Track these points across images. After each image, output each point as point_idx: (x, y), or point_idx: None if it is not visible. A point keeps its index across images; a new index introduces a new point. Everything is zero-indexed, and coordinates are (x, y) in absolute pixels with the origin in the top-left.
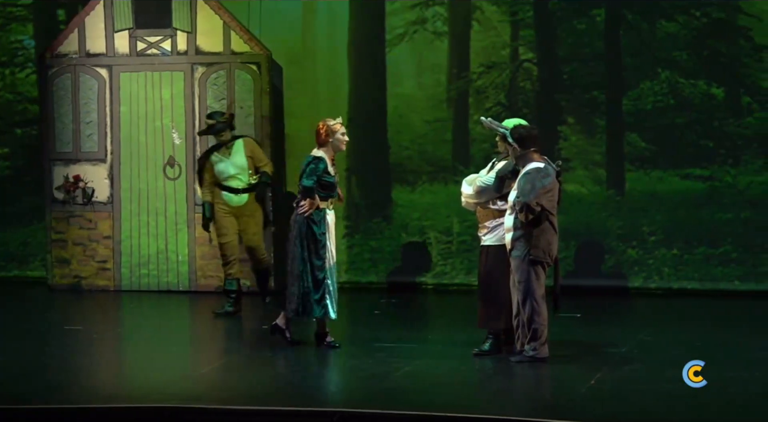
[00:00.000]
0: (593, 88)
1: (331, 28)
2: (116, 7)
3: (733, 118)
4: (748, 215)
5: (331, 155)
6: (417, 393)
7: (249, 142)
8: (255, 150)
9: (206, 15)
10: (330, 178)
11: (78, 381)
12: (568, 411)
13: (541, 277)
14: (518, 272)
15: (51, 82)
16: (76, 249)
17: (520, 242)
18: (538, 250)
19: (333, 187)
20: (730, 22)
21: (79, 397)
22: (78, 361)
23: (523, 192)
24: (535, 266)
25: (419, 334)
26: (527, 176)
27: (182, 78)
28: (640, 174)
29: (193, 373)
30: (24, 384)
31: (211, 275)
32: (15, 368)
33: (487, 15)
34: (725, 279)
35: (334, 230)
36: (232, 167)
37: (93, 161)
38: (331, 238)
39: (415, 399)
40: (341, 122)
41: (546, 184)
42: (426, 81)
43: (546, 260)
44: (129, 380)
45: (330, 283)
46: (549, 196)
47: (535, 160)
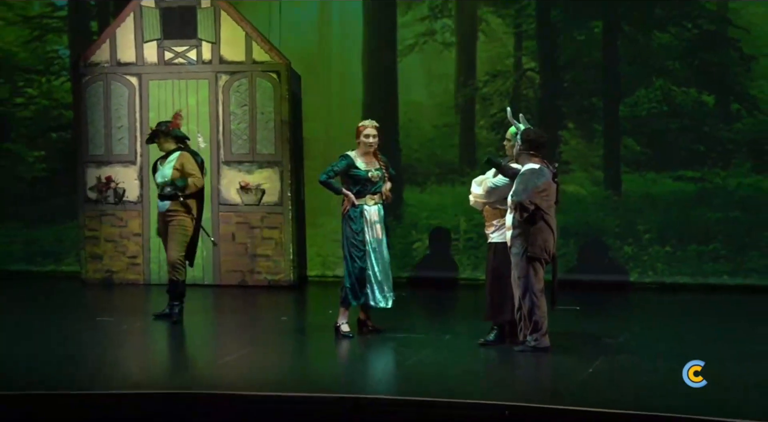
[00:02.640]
0: (592, 95)
1: (345, 39)
2: (145, 18)
3: (723, 123)
4: (737, 214)
5: (363, 153)
6: (426, 380)
7: (183, 155)
8: (186, 164)
9: (229, 26)
10: (359, 172)
11: (109, 369)
12: (568, 397)
13: (540, 272)
14: (518, 268)
15: (84, 89)
16: (108, 246)
17: (519, 240)
18: (536, 247)
19: (364, 181)
20: (720, 33)
21: (109, 383)
22: (109, 350)
23: (516, 192)
24: (533, 263)
25: (428, 325)
26: (522, 177)
27: (207, 86)
28: (636, 176)
29: (218, 361)
30: (59, 371)
31: (233, 270)
32: (51, 356)
33: (492, 27)
34: (715, 274)
35: (379, 223)
36: (160, 176)
37: (124, 163)
38: (377, 232)
39: (425, 386)
40: (370, 124)
41: (539, 184)
42: (435, 88)
43: (543, 256)
44: (156, 367)
45: (371, 274)
46: (543, 195)
47: (533, 162)
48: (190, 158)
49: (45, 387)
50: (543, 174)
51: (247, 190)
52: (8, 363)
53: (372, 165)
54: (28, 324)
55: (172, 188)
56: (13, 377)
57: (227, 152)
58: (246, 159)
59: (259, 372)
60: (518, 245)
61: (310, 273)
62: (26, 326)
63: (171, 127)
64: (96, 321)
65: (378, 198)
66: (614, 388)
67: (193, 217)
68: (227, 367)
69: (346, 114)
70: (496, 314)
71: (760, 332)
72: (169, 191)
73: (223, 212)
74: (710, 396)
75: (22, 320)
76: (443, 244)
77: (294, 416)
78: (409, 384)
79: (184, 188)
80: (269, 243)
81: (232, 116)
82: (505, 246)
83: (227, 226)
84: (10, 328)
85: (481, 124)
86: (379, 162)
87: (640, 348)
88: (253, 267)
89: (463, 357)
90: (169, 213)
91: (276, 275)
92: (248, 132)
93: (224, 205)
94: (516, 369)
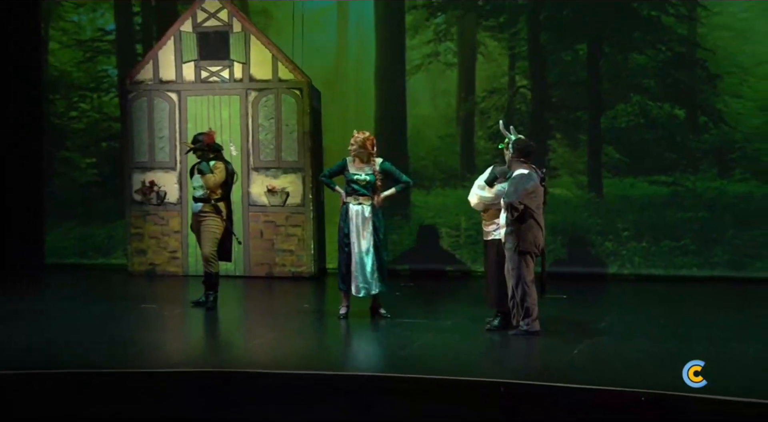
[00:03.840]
0: (577, 109)
1: (360, 60)
2: (184, 42)
3: (692, 134)
4: (704, 214)
5: (355, 159)
6: (430, 360)
7: (217, 163)
8: (217, 167)
9: (258, 49)
10: (348, 175)
11: (151, 350)
12: (556, 375)
13: (530, 265)
14: (511, 261)
15: (130, 104)
16: (151, 242)
17: (512, 237)
18: (527, 243)
19: (351, 183)
20: (689, 55)
21: (151, 362)
22: (152, 334)
23: (507, 194)
24: (524, 256)
25: (432, 312)
26: (512, 180)
27: (238, 101)
28: (616, 181)
29: (248, 343)
30: (107, 352)
31: (261, 263)
32: (100, 339)
33: (489, 49)
34: (685, 267)
35: (361, 222)
36: (196, 180)
37: (165, 169)
38: (360, 228)
39: (429, 366)
40: (358, 132)
41: (528, 187)
42: (439, 103)
43: (533, 250)
44: (193, 349)
45: (359, 266)
46: (532, 196)
47: (522, 167)
48: (222, 165)
49: (93, 366)
50: (531, 178)
51: (273, 193)
52: (63, 345)
53: (363, 170)
54: (81, 311)
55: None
56: (68, 357)
57: (256, 159)
58: (272, 165)
59: (285, 353)
60: (511, 241)
61: (328, 266)
62: (79, 312)
63: (206, 141)
64: (140, 308)
65: (364, 200)
66: (597, 367)
67: (223, 218)
68: (256, 349)
69: (361, 126)
70: (500, 302)
71: (724, 317)
72: (201, 194)
73: (252, 212)
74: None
75: (75, 307)
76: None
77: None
78: (415, 364)
79: (205, 171)
80: (293, 239)
81: (260, 127)
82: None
83: (256, 224)
84: (66, 314)
85: (480, 134)
86: (374, 168)
87: (619, 332)
88: (278, 261)
89: (463, 340)
90: (202, 214)
91: (299, 268)
92: (274, 142)
93: (253, 206)
94: (510, 351)
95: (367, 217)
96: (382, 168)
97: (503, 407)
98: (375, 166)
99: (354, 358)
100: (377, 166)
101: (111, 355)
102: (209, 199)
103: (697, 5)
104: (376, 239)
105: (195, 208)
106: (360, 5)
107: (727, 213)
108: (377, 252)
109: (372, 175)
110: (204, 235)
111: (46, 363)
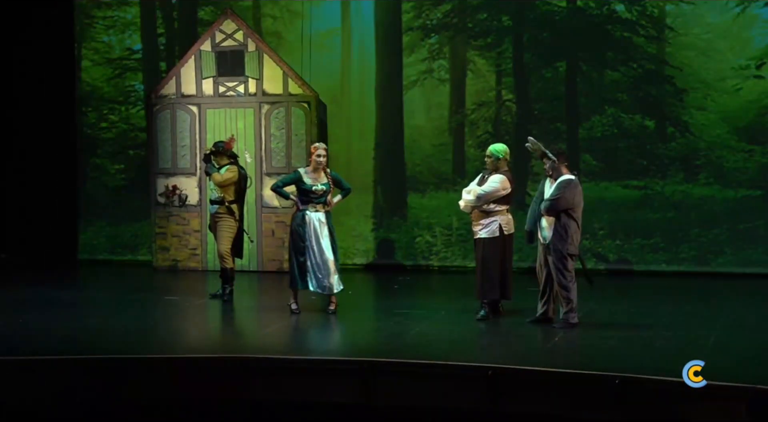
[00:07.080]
0: (556, 121)
1: (362, 76)
2: (204, 60)
3: (661, 143)
4: (672, 215)
5: (313, 169)
6: (425, 346)
7: (231, 168)
8: (229, 171)
9: (270, 66)
10: (305, 185)
11: (173, 337)
12: (538, 360)
13: (571, 263)
14: (559, 262)
15: (155, 116)
16: (174, 240)
17: (559, 239)
18: (573, 246)
19: (309, 193)
20: (658, 72)
21: (172, 349)
22: (174, 323)
23: (551, 195)
24: (571, 257)
25: (427, 303)
26: (561, 188)
27: (252, 113)
28: (592, 185)
29: (261, 331)
30: (135, 339)
31: (273, 259)
32: (128, 327)
33: (478, 66)
34: (655, 263)
35: (318, 226)
36: (211, 182)
37: (186, 175)
38: (318, 233)
39: (424, 351)
40: (321, 146)
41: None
42: (433, 115)
43: (576, 252)
44: (212, 336)
45: (309, 265)
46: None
47: (568, 173)
48: (235, 169)
49: (120, 352)
50: (577, 184)
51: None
52: (94, 333)
53: (319, 180)
54: (111, 302)
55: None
56: (98, 344)
57: (268, 165)
58: (283, 171)
59: (295, 340)
60: (559, 243)
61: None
62: (109, 303)
63: (226, 147)
64: (164, 300)
65: (320, 207)
66: (576, 353)
67: (236, 219)
68: (269, 336)
69: (363, 137)
70: (486, 293)
71: (690, 307)
72: (216, 197)
73: (264, 213)
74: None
75: (106, 298)
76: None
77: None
78: (412, 350)
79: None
80: None
81: (272, 137)
82: (490, 241)
83: (268, 224)
84: (96, 305)
85: (470, 143)
86: (328, 177)
87: (595, 322)
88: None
89: (455, 329)
90: (217, 214)
91: None
92: (285, 150)
93: (266, 207)
94: (497, 338)
95: (323, 222)
96: (334, 177)
97: (490, 388)
98: (328, 176)
99: (354, 345)
100: (331, 173)
101: (137, 342)
102: (224, 201)
103: (665, 27)
104: (332, 241)
105: (211, 209)
106: (362, 28)
107: (692, 214)
108: (335, 254)
109: (327, 184)
110: (219, 234)
111: (80, 349)
